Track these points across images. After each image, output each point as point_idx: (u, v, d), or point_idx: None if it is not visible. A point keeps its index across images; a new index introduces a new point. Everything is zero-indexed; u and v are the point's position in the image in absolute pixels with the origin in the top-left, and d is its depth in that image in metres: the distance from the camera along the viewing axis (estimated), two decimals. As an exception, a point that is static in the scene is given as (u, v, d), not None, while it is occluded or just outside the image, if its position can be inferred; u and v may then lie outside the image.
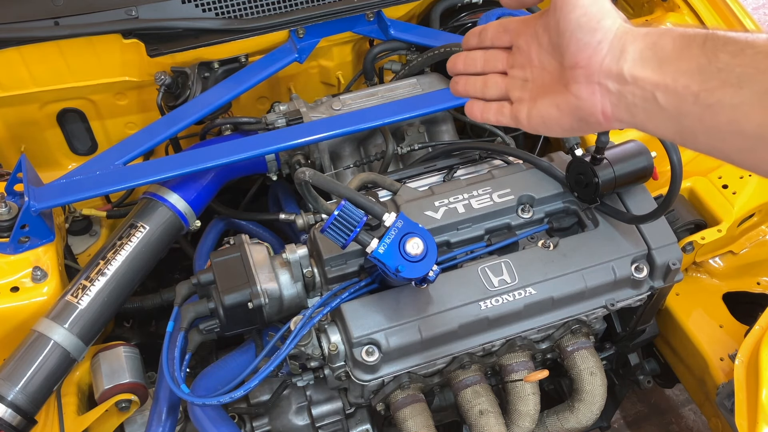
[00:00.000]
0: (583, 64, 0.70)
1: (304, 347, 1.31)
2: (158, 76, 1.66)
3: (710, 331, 1.67)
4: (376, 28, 1.81)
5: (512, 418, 1.43)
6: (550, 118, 0.77)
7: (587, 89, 0.71)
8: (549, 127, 0.79)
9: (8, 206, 1.45)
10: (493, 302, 1.33)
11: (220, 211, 1.77)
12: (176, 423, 1.42)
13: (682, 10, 1.91)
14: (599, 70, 0.69)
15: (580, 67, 0.71)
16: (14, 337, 1.37)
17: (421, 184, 1.54)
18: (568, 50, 0.71)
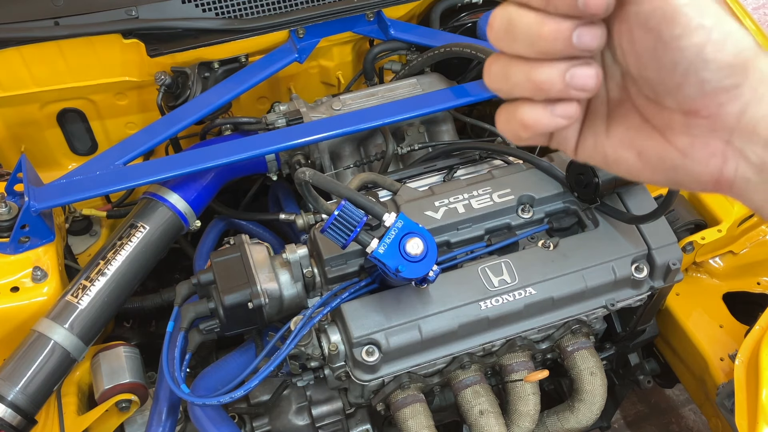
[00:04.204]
0: (708, 113, 0.45)
1: (304, 347, 1.31)
2: (158, 76, 1.66)
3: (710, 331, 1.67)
4: (376, 28, 1.81)
5: (512, 418, 1.43)
6: (621, 162, 0.50)
7: (705, 148, 0.46)
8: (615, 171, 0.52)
9: (8, 206, 1.44)
10: (493, 302, 1.32)
11: (220, 211, 1.77)
12: (176, 423, 1.42)
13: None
14: (735, 125, 0.45)
15: (702, 117, 0.46)
16: (14, 337, 1.37)
17: (421, 184, 1.54)
18: (681, 92, 0.45)
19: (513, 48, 0.46)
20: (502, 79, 0.48)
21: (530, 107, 0.47)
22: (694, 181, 0.48)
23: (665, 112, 0.47)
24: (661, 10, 0.42)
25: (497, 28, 0.47)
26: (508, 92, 0.48)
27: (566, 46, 0.44)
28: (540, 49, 0.45)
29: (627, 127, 0.49)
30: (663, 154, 0.48)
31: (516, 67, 0.46)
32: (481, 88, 1.66)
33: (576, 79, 0.45)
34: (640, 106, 0.48)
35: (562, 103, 0.47)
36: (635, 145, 0.49)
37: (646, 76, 0.46)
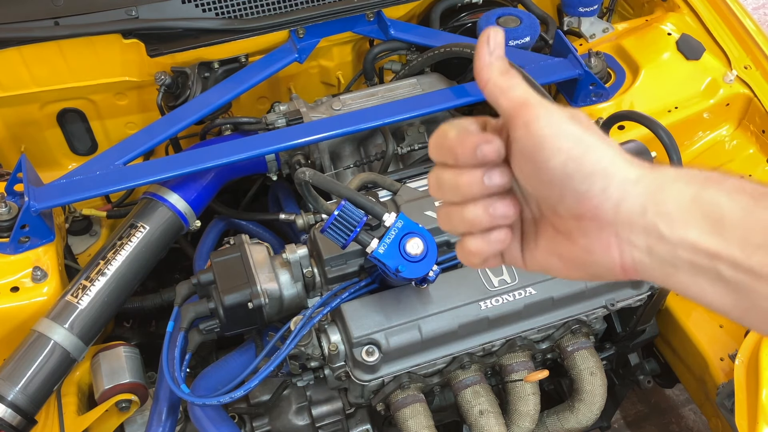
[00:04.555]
0: (590, 215, 0.54)
1: (304, 347, 1.31)
2: (158, 76, 1.66)
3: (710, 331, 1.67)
4: (376, 28, 1.81)
5: (512, 418, 1.43)
6: (553, 268, 0.60)
7: (600, 243, 0.55)
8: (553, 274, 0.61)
9: (8, 206, 1.44)
10: (493, 302, 1.32)
11: (220, 211, 1.77)
12: (176, 423, 1.42)
13: (682, 10, 1.91)
14: (615, 220, 0.53)
15: (588, 219, 0.54)
16: (14, 337, 1.37)
17: (421, 184, 1.54)
18: (564, 202, 0.54)
19: (446, 198, 0.58)
20: (446, 222, 0.59)
21: (472, 239, 0.58)
22: (606, 271, 0.56)
23: (563, 221, 0.56)
24: (528, 141, 0.53)
25: (432, 186, 0.59)
26: (453, 231, 0.59)
27: (481, 188, 0.55)
28: (464, 195, 0.56)
29: (546, 238, 0.59)
30: (574, 254, 0.57)
31: (452, 211, 0.58)
32: (481, 88, 1.66)
33: (497, 210, 0.56)
34: (549, 219, 0.58)
35: (494, 231, 0.58)
36: (556, 251, 0.59)
37: (537, 194, 0.56)
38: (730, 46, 1.82)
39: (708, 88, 1.75)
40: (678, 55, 1.78)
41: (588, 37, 1.96)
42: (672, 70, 1.77)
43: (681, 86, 1.75)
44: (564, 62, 1.70)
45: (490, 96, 0.56)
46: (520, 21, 1.76)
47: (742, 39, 1.83)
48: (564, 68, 1.68)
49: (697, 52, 1.77)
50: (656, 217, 0.52)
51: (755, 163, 1.76)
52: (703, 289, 0.52)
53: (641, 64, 1.75)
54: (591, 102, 1.72)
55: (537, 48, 1.83)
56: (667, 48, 1.79)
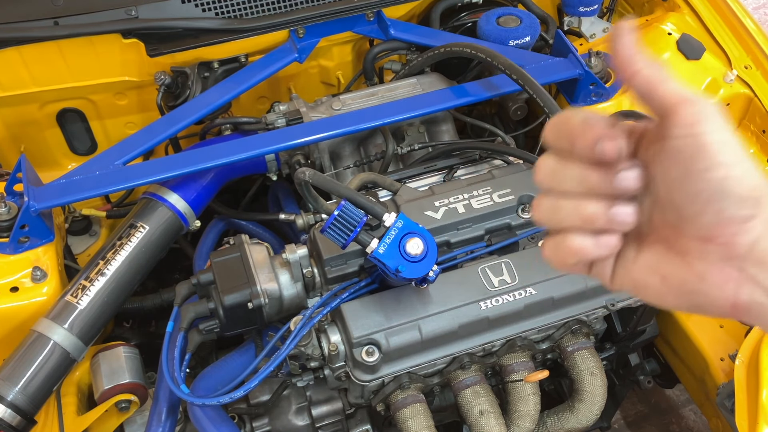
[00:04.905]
0: (723, 242, 0.49)
1: (304, 347, 1.31)
2: (158, 76, 1.66)
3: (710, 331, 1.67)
4: (376, 28, 1.81)
5: (512, 419, 1.43)
6: (649, 287, 0.54)
7: (720, 274, 0.50)
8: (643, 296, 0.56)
9: (8, 206, 1.44)
10: (493, 302, 1.32)
11: (220, 211, 1.77)
12: (176, 423, 1.42)
13: (682, 10, 1.91)
14: (747, 254, 0.49)
15: (717, 245, 0.50)
16: (14, 337, 1.37)
17: (421, 184, 1.54)
18: (700, 219, 0.49)
19: (559, 187, 0.53)
20: (552, 212, 0.54)
21: (578, 236, 0.53)
22: (712, 305, 0.52)
23: (684, 239, 0.51)
24: (691, 147, 0.48)
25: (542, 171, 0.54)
26: (558, 223, 0.54)
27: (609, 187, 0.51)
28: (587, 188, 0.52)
29: (652, 255, 0.54)
30: (683, 279, 0.52)
31: (564, 202, 0.53)
32: (481, 88, 1.66)
33: (618, 215, 0.52)
34: (664, 235, 0.53)
35: (604, 235, 0.53)
36: (659, 270, 0.53)
37: (673, 202, 0.50)
38: (730, 45, 1.82)
39: (708, 88, 1.75)
40: (678, 55, 1.78)
41: (588, 37, 1.96)
42: (672, 69, 1.77)
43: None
44: (564, 62, 1.69)
45: (641, 88, 0.50)
46: (520, 21, 1.76)
47: (743, 39, 1.83)
48: (564, 68, 1.68)
49: (697, 52, 1.77)
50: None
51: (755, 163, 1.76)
52: None
53: (641, 64, 1.75)
54: (591, 102, 1.72)
55: (537, 48, 1.83)
56: (668, 48, 1.79)
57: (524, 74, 1.50)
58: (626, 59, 0.50)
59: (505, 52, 1.61)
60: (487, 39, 1.75)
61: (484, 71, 1.83)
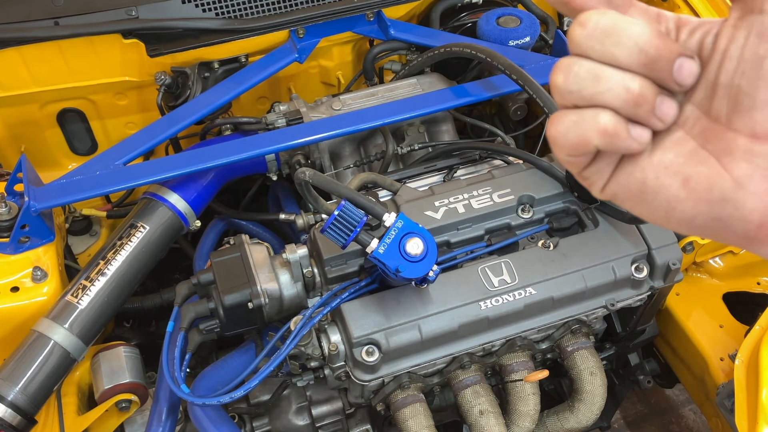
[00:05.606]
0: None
1: (304, 347, 1.31)
2: (158, 76, 1.66)
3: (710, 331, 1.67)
4: (376, 28, 1.81)
5: (512, 418, 1.43)
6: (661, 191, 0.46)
7: (764, 181, 0.43)
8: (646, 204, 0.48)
9: (8, 206, 1.44)
10: (493, 302, 1.32)
11: (220, 211, 1.77)
12: (176, 423, 1.42)
13: (682, 10, 1.91)
14: None
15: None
16: (14, 337, 1.37)
17: (421, 184, 1.54)
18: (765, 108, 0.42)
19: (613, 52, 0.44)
20: (590, 80, 0.45)
21: (613, 116, 0.45)
22: (740, 218, 0.44)
23: (730, 134, 0.44)
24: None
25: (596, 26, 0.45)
26: (592, 96, 0.45)
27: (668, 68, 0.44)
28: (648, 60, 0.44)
29: (677, 153, 0.46)
30: (714, 182, 0.44)
31: (612, 71, 0.45)
32: (481, 88, 1.66)
33: (662, 108, 0.44)
34: (701, 129, 0.46)
35: (639, 126, 0.45)
36: (683, 171, 0.45)
37: (737, 84, 0.43)
38: (730, 46, 1.82)
39: (708, 88, 1.75)
40: (678, 55, 1.77)
41: (588, 37, 1.96)
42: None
43: (681, 86, 1.75)
44: (564, 62, 1.69)
45: None
46: (520, 21, 1.76)
47: (742, 39, 1.83)
48: (564, 68, 1.68)
49: (697, 52, 1.77)
50: None
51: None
52: None
53: (641, 64, 1.75)
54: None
55: (537, 48, 1.83)
56: (667, 48, 1.79)
57: (524, 74, 1.50)
58: None
59: (505, 52, 1.62)
60: (487, 39, 1.75)
61: (484, 71, 1.84)
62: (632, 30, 0.44)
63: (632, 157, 0.47)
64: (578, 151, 0.47)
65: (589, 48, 0.45)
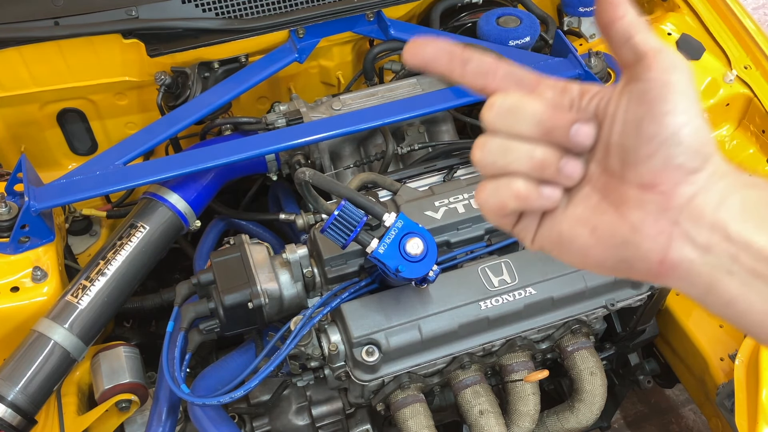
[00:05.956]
0: (664, 190, 0.49)
1: (304, 347, 1.31)
2: (158, 76, 1.66)
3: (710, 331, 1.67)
4: (376, 28, 1.81)
5: (512, 418, 1.43)
6: (575, 240, 0.53)
7: (655, 224, 0.50)
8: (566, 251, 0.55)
9: (8, 206, 1.44)
10: (493, 302, 1.32)
11: (220, 211, 1.77)
12: (176, 423, 1.42)
13: (682, 10, 1.91)
14: (684, 206, 0.49)
15: (658, 193, 0.49)
16: (14, 337, 1.37)
17: (421, 184, 1.54)
18: (647, 164, 0.49)
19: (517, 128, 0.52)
20: (500, 153, 0.52)
21: (524, 181, 0.52)
22: (641, 259, 0.51)
23: (623, 187, 0.51)
24: (660, 89, 0.48)
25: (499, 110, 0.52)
26: (504, 167, 0.52)
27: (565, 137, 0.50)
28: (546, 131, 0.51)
29: (584, 206, 0.53)
30: (615, 229, 0.51)
31: (515, 143, 0.52)
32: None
33: (567, 168, 0.51)
34: (601, 184, 0.52)
35: (549, 186, 0.52)
36: (590, 221, 0.52)
37: (623, 144, 0.50)
38: (730, 46, 1.82)
39: (708, 88, 1.76)
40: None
41: (588, 37, 1.96)
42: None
43: (681, 86, 1.75)
44: (564, 62, 1.70)
45: (621, 30, 0.50)
46: (520, 21, 1.76)
47: (742, 39, 1.83)
48: (564, 68, 1.68)
49: (697, 52, 1.77)
50: (728, 215, 0.49)
51: (755, 163, 1.76)
52: (750, 304, 0.50)
53: (641, 64, 1.75)
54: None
55: (537, 48, 1.83)
56: (667, 48, 1.79)
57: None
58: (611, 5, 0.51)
59: (505, 52, 1.62)
60: (487, 39, 1.75)
61: (484, 71, 1.83)
62: (529, 107, 0.51)
63: (550, 213, 0.54)
64: (500, 214, 0.54)
65: (498, 126, 0.52)
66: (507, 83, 0.54)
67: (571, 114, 0.51)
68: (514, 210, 0.54)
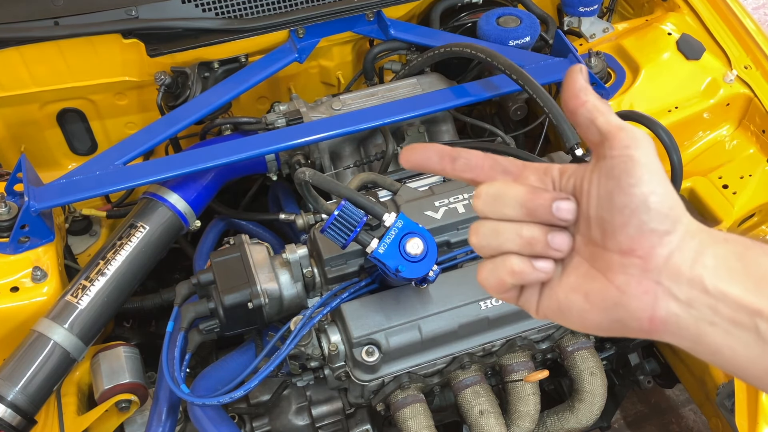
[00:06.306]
0: (642, 253, 0.54)
1: (304, 347, 1.31)
2: (158, 76, 1.66)
3: (710, 331, 1.67)
4: (376, 28, 1.81)
5: (512, 419, 1.43)
6: (572, 305, 0.59)
7: (639, 286, 0.55)
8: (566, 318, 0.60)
9: (8, 206, 1.44)
10: (493, 302, 1.32)
11: (220, 211, 1.77)
12: (176, 423, 1.42)
13: (682, 10, 1.91)
14: (663, 266, 0.54)
15: (637, 257, 0.55)
16: (14, 337, 1.37)
17: (421, 184, 1.54)
18: (623, 232, 0.55)
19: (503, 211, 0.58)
20: (492, 235, 0.59)
21: (518, 258, 0.58)
22: (632, 317, 0.56)
23: (607, 255, 0.56)
24: (624, 164, 0.54)
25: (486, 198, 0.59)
26: (497, 247, 0.59)
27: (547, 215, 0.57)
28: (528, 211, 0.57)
29: (576, 275, 0.58)
30: (605, 293, 0.56)
31: (505, 225, 0.58)
32: (481, 88, 1.66)
33: (555, 241, 0.57)
34: (588, 254, 0.58)
35: (541, 259, 0.58)
36: (582, 288, 0.58)
37: (600, 216, 0.56)
38: (730, 46, 1.82)
39: (708, 88, 1.75)
40: (678, 55, 1.78)
41: (588, 37, 1.96)
42: (672, 70, 1.77)
43: (681, 86, 1.75)
44: (564, 62, 1.70)
45: (585, 115, 0.57)
46: (520, 21, 1.76)
47: (743, 39, 1.83)
48: (564, 68, 1.68)
49: (697, 52, 1.77)
50: (703, 270, 0.53)
51: (755, 163, 1.76)
52: (734, 351, 0.54)
53: (641, 64, 1.75)
54: (591, 102, 1.71)
55: (537, 48, 1.83)
56: (667, 48, 1.79)
57: (524, 74, 1.50)
58: (576, 92, 0.57)
59: (505, 52, 1.62)
60: (487, 39, 1.75)
61: (484, 71, 1.83)
62: (511, 192, 0.58)
63: (548, 284, 0.60)
64: (501, 290, 0.61)
65: (487, 211, 0.59)
66: (494, 173, 0.61)
67: (550, 193, 0.57)
68: (512, 285, 0.60)
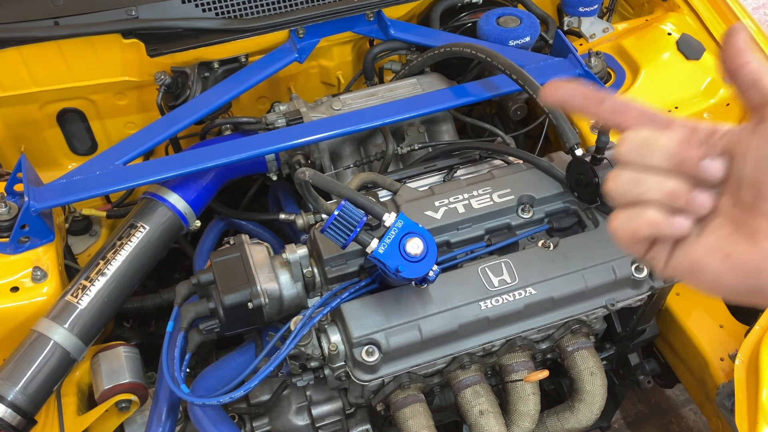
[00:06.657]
0: None
1: (304, 347, 1.31)
2: (158, 76, 1.66)
3: (710, 331, 1.67)
4: (376, 28, 1.81)
5: (512, 418, 1.43)
6: (707, 267, 0.56)
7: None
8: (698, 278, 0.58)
9: (8, 206, 1.44)
10: (493, 302, 1.32)
11: (220, 211, 1.77)
12: (176, 423, 1.42)
13: (682, 10, 1.91)
14: None
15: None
16: (14, 337, 1.37)
17: (421, 184, 1.54)
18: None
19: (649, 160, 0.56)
20: (633, 184, 0.56)
21: (656, 210, 0.56)
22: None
23: (755, 219, 0.54)
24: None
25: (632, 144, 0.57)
26: (637, 197, 0.57)
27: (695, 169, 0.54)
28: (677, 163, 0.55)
29: (718, 236, 0.56)
30: (748, 256, 0.54)
31: (648, 176, 0.56)
32: (481, 88, 1.66)
33: (697, 199, 0.55)
34: (734, 216, 0.55)
35: (680, 215, 0.56)
36: (723, 250, 0.56)
37: (756, 178, 0.53)
38: (730, 46, 1.82)
39: (708, 88, 1.75)
40: (678, 55, 1.78)
41: (588, 37, 1.96)
42: (672, 70, 1.77)
43: (681, 86, 1.75)
44: (564, 62, 1.70)
45: (748, 76, 0.55)
46: (520, 21, 1.76)
47: (743, 39, 1.83)
48: (564, 68, 1.68)
49: (697, 52, 1.77)
50: None
51: (755, 163, 1.76)
52: None
53: (641, 64, 1.75)
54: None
55: (537, 48, 1.83)
56: (668, 48, 1.79)
57: (524, 74, 1.50)
58: (736, 52, 0.55)
59: (505, 52, 1.62)
60: (487, 39, 1.75)
61: (484, 71, 1.84)
62: (661, 141, 0.55)
63: (683, 241, 0.57)
64: (633, 240, 0.58)
65: (631, 158, 0.57)
66: (640, 121, 0.58)
67: (700, 149, 0.55)
68: (646, 236, 0.58)
